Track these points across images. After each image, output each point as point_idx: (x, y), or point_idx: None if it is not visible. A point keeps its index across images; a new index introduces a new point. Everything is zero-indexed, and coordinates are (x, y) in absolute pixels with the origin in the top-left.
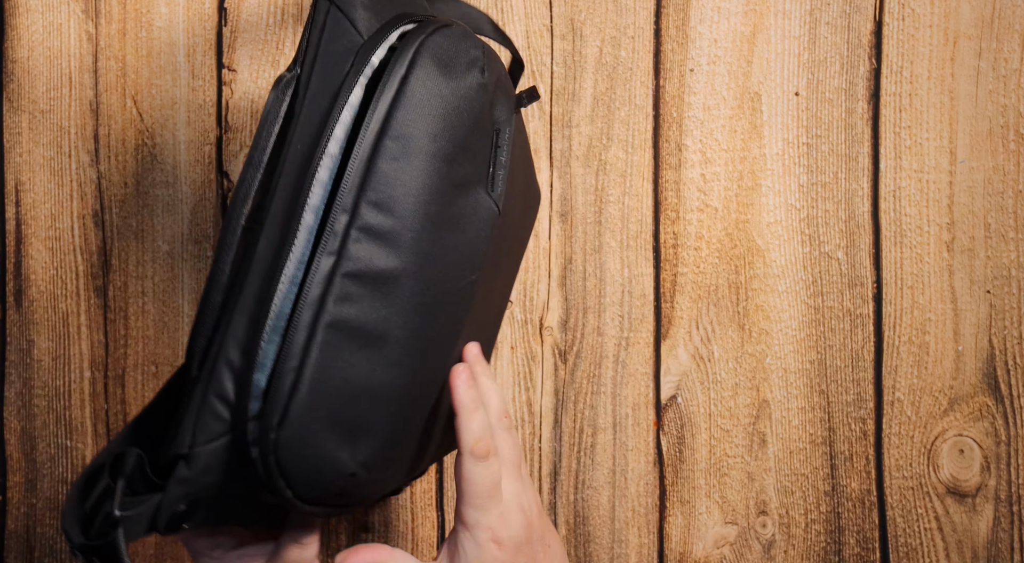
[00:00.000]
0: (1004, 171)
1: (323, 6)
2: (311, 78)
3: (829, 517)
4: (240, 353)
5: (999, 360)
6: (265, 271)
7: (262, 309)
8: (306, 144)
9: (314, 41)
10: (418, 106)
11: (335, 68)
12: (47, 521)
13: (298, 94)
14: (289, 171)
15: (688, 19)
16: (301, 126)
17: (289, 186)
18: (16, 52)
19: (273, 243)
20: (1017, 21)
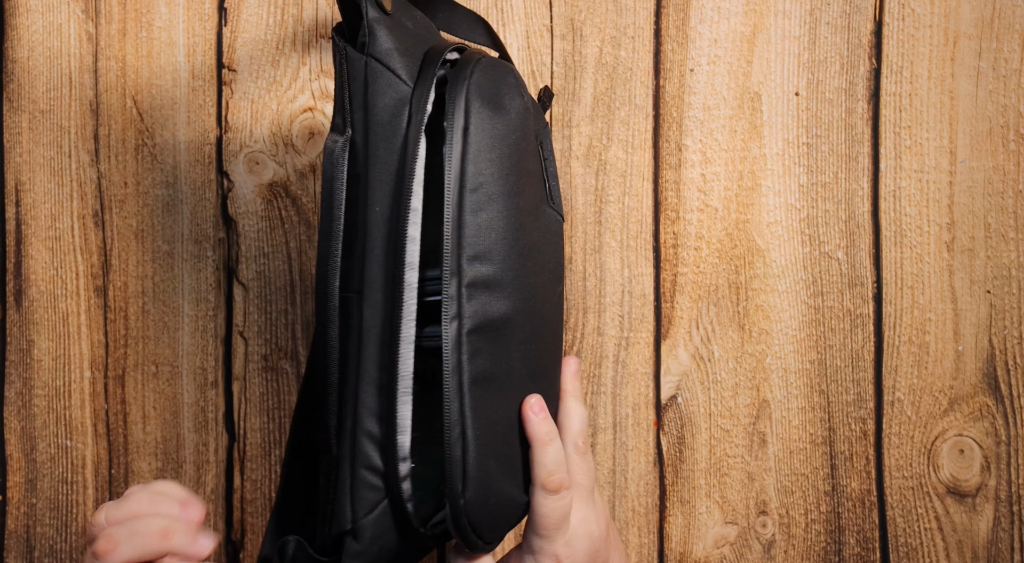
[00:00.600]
0: (1004, 171)
1: (358, 60)
2: (368, 137)
3: (829, 517)
4: (377, 422)
5: (999, 360)
6: (380, 338)
7: (390, 375)
8: (385, 204)
9: (359, 98)
10: (485, 152)
11: (391, 123)
12: (47, 521)
13: (357, 156)
14: (375, 234)
15: (688, 19)
16: (373, 188)
17: (380, 249)
18: (16, 52)
19: (378, 308)
20: (1017, 21)
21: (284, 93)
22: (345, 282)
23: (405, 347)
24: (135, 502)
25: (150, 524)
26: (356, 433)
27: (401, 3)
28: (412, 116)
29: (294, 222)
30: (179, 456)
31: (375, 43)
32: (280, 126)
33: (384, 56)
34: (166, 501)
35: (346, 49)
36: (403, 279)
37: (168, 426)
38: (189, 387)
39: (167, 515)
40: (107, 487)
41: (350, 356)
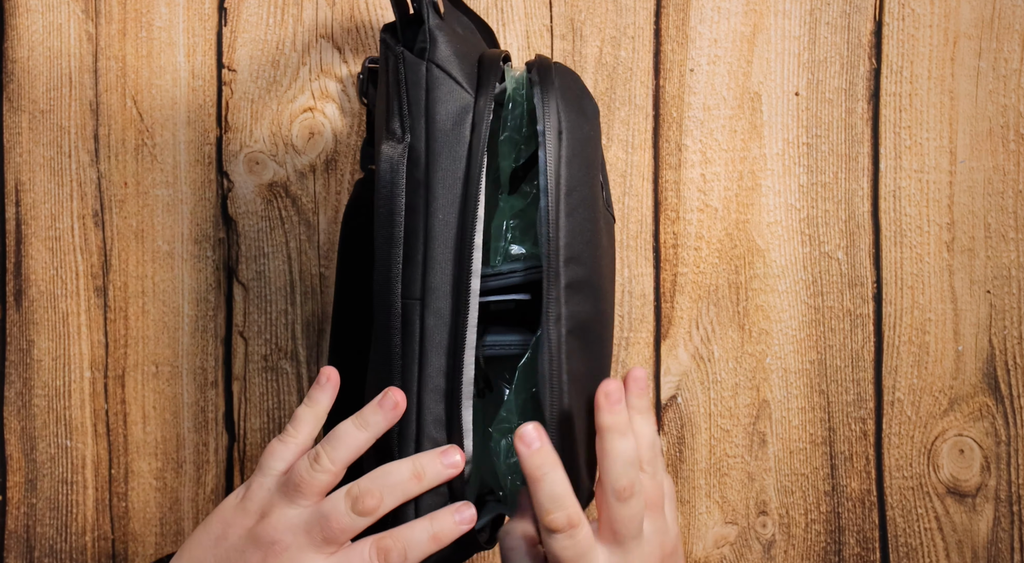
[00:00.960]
0: (1004, 171)
1: (418, 65)
2: (430, 144)
3: (829, 517)
4: (442, 428)
5: (999, 360)
6: (444, 345)
7: (455, 382)
8: (450, 212)
9: (419, 104)
10: (577, 156)
11: (454, 131)
12: (47, 521)
13: (417, 163)
14: (438, 241)
15: (688, 19)
16: (436, 195)
17: (444, 257)
18: (16, 52)
19: (442, 316)
20: (1017, 21)
21: (284, 93)
22: (404, 289)
23: (468, 354)
24: (352, 446)
25: (401, 471)
26: (420, 440)
27: (448, 7)
28: (476, 124)
29: (294, 222)
30: (179, 456)
31: (436, 49)
32: (280, 126)
33: (445, 62)
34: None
35: (403, 54)
36: (469, 286)
37: (168, 426)
38: (189, 387)
39: (409, 457)
40: (107, 487)
41: (411, 363)
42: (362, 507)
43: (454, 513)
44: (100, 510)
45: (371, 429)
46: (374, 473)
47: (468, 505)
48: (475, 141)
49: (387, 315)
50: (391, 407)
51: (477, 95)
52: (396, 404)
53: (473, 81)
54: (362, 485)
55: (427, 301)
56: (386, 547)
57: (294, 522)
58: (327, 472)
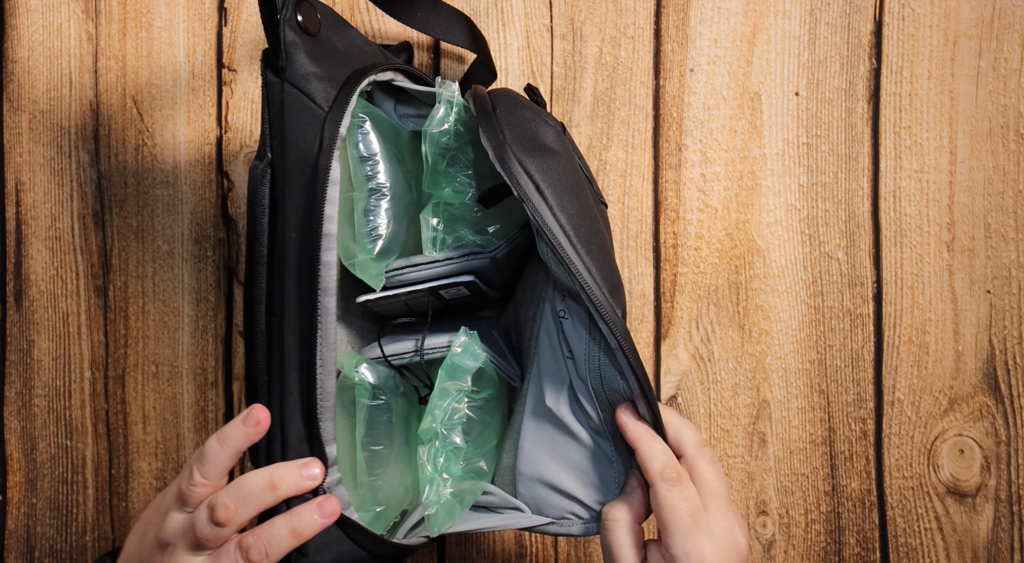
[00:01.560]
0: (1004, 171)
1: (275, 85)
2: (284, 162)
3: (829, 517)
4: (305, 442)
5: (999, 360)
6: (299, 362)
7: (311, 398)
8: (299, 230)
9: (276, 122)
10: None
11: (305, 148)
12: (47, 521)
13: (276, 180)
14: (291, 260)
15: (688, 19)
16: (289, 214)
17: (295, 275)
18: (16, 52)
19: (298, 334)
20: (1017, 21)
21: None
22: (269, 306)
23: (327, 369)
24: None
25: (256, 481)
26: (286, 453)
27: (335, 23)
28: (323, 141)
29: None
30: (179, 456)
31: (292, 68)
32: None
33: (300, 81)
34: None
35: (265, 73)
36: (317, 304)
37: (168, 426)
38: (189, 387)
39: (268, 467)
40: (107, 487)
41: (274, 378)
42: (216, 517)
43: (315, 508)
44: (100, 510)
45: (232, 445)
46: (231, 484)
47: (330, 499)
48: (322, 158)
49: (253, 332)
50: (253, 424)
51: (328, 113)
52: (258, 422)
53: (332, 99)
54: (218, 496)
55: (285, 318)
56: (247, 544)
57: (179, 527)
58: (200, 485)
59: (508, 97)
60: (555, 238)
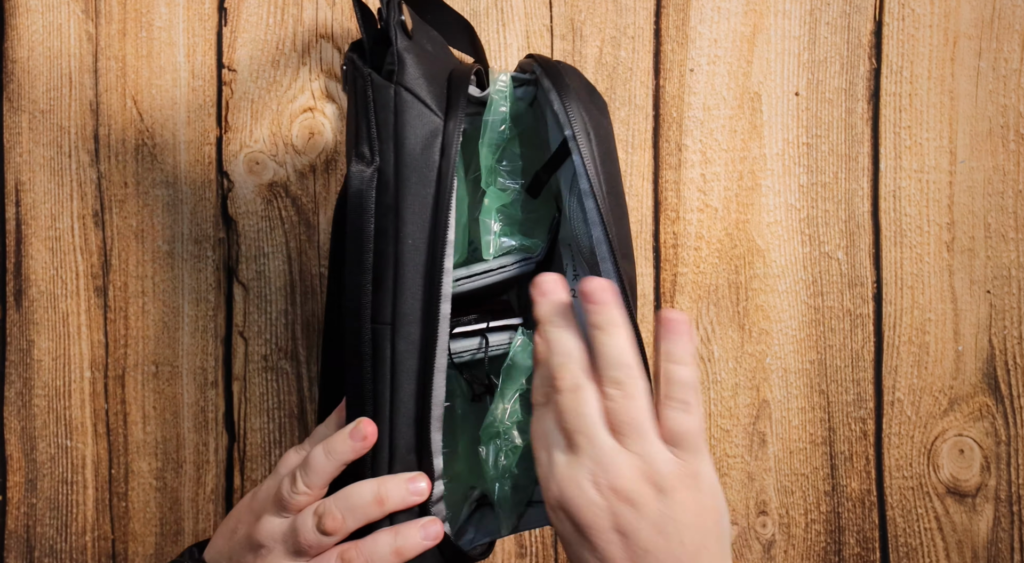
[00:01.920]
0: (1004, 171)
1: (386, 89)
2: (399, 168)
3: (829, 517)
4: (413, 453)
5: (999, 360)
6: (415, 370)
7: (426, 408)
8: (419, 237)
9: (388, 128)
10: (607, 155)
11: (424, 155)
12: (47, 521)
13: (387, 187)
14: (408, 266)
15: (688, 19)
16: (405, 220)
17: (414, 282)
18: (16, 52)
19: (412, 341)
20: (1017, 21)
21: (284, 93)
22: (375, 314)
23: (439, 378)
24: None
25: (364, 494)
26: (393, 465)
27: (419, 23)
28: (445, 148)
29: (294, 222)
30: (179, 456)
31: (404, 72)
32: (280, 126)
33: (414, 85)
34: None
35: (371, 76)
36: (439, 312)
37: (168, 426)
38: (189, 387)
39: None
40: (107, 487)
41: (383, 388)
42: (323, 526)
43: (420, 528)
44: (100, 510)
45: (338, 457)
46: (339, 494)
47: (435, 521)
48: (444, 165)
49: (358, 340)
50: (360, 438)
51: (447, 118)
52: (365, 437)
53: (443, 102)
54: (327, 505)
55: (397, 326)
56: (350, 558)
57: (277, 531)
58: (303, 493)
59: (568, 65)
60: (593, 183)
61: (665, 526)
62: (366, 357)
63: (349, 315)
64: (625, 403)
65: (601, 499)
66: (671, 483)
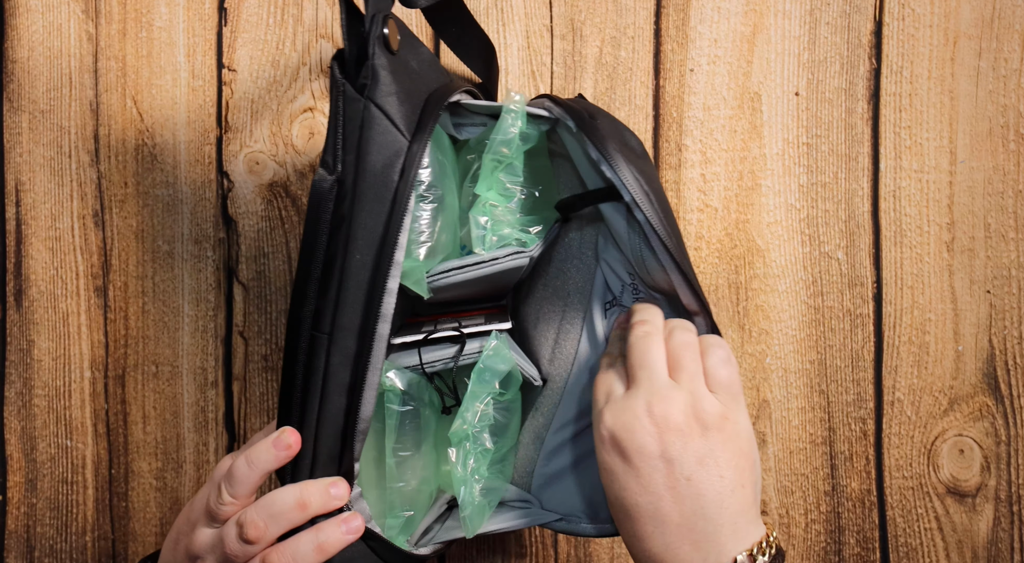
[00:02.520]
0: (1004, 171)
1: (357, 102)
2: (357, 182)
3: (829, 517)
4: (336, 463)
5: (999, 360)
6: (347, 386)
7: (350, 422)
8: (368, 254)
9: (352, 140)
10: (663, 203)
11: (383, 173)
12: (47, 521)
13: (344, 198)
14: (352, 281)
15: (688, 19)
16: (356, 235)
17: (356, 298)
18: (16, 52)
19: (348, 356)
20: (1017, 21)
21: (284, 93)
22: (316, 322)
23: (369, 393)
24: (246, 482)
25: (286, 500)
26: (314, 473)
27: (408, 40)
28: (405, 170)
29: (294, 222)
30: (179, 456)
31: (376, 88)
32: (280, 126)
33: (383, 102)
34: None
35: (344, 87)
36: (375, 330)
37: (168, 426)
38: (189, 387)
39: (298, 485)
40: (107, 487)
41: (312, 396)
42: (246, 535)
43: (340, 524)
44: (100, 510)
45: (261, 467)
46: (260, 501)
47: (356, 516)
48: (402, 187)
49: (295, 346)
50: (283, 447)
51: (412, 140)
52: (289, 446)
53: (412, 123)
54: (248, 514)
55: (335, 338)
56: (272, 561)
57: (207, 542)
58: (228, 504)
59: (592, 105)
60: (667, 243)
61: (706, 459)
62: (300, 364)
63: (291, 320)
64: (684, 351)
65: (653, 426)
66: (716, 422)
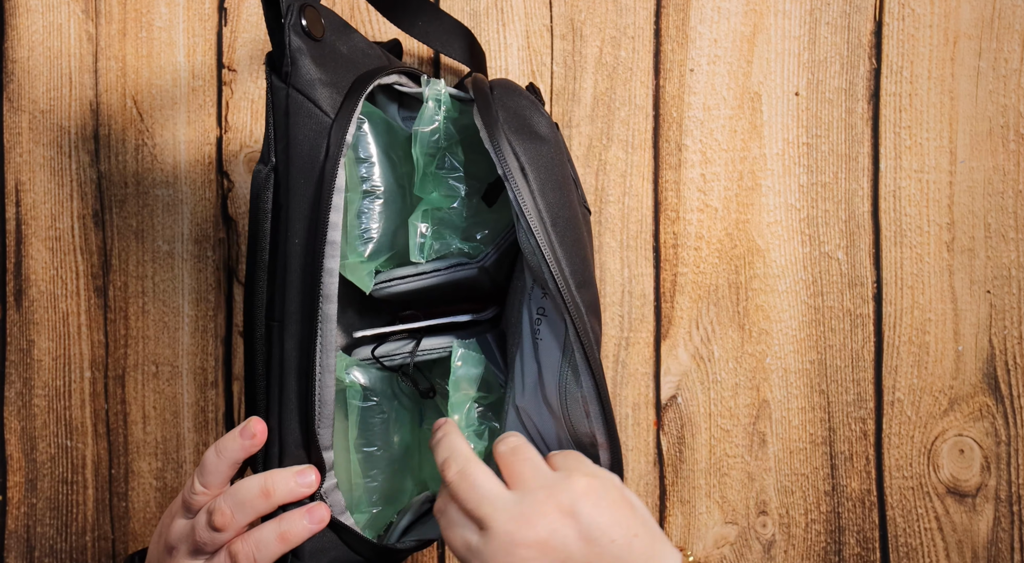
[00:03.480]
0: (1004, 171)
1: (281, 90)
2: (288, 168)
3: (829, 517)
4: (302, 449)
5: (999, 360)
6: (299, 368)
7: (308, 405)
8: (303, 236)
9: (281, 128)
10: (548, 184)
11: (310, 155)
12: (47, 521)
13: (280, 185)
14: (293, 266)
15: (688, 19)
16: (292, 220)
17: (298, 281)
18: (16, 52)
19: (299, 339)
20: (1017, 21)
21: None
22: (268, 310)
23: (326, 377)
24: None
25: (251, 488)
26: (283, 460)
27: (339, 27)
28: (329, 148)
29: None
30: (179, 456)
31: (297, 73)
32: None
33: (305, 87)
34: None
35: (271, 78)
36: (318, 311)
37: (168, 426)
38: (189, 387)
39: (264, 474)
40: (107, 487)
41: (273, 384)
42: (213, 523)
43: (305, 514)
44: (100, 510)
45: (229, 456)
46: (228, 490)
47: (320, 506)
48: (328, 166)
49: (252, 336)
50: (249, 437)
51: (334, 120)
52: (254, 434)
53: (337, 105)
54: (216, 502)
55: (286, 324)
56: (235, 550)
57: (182, 532)
58: (200, 494)
59: (506, 83)
60: (531, 222)
61: (591, 535)
62: (259, 354)
63: (247, 309)
64: (511, 459)
65: (531, 551)
66: (580, 494)
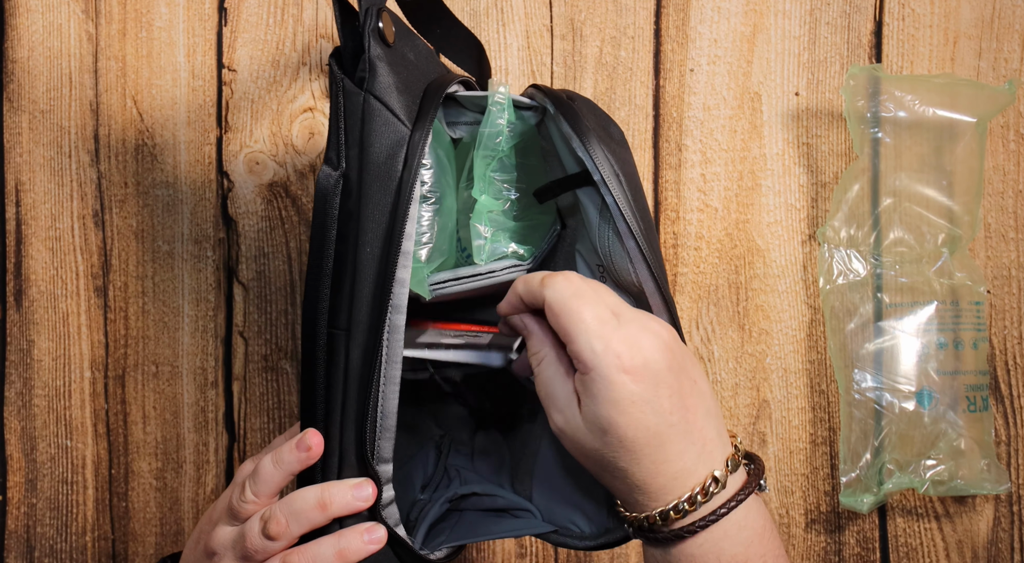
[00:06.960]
0: (1004, 171)
1: (356, 95)
2: (362, 175)
3: (829, 517)
4: (364, 466)
5: (999, 360)
6: (368, 381)
7: (375, 419)
8: (377, 246)
9: (355, 134)
10: (636, 190)
11: (387, 164)
12: (47, 521)
13: (350, 193)
14: (365, 274)
15: (688, 19)
16: (365, 228)
17: (369, 291)
18: (16, 52)
19: (367, 350)
20: (1017, 21)
21: (284, 93)
22: (332, 318)
23: (389, 388)
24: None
25: (307, 499)
26: (343, 470)
27: (404, 32)
28: (408, 159)
29: (294, 222)
30: (179, 456)
31: (375, 80)
32: (280, 126)
33: (383, 93)
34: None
35: (343, 82)
36: (385, 322)
37: (168, 426)
38: (189, 387)
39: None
40: (107, 487)
41: (335, 394)
42: (268, 531)
43: (364, 533)
44: (100, 510)
45: (285, 468)
46: (284, 499)
47: (378, 526)
48: (406, 175)
49: (313, 344)
50: (305, 449)
51: (413, 128)
52: (310, 448)
53: (413, 113)
54: (272, 510)
55: (353, 333)
56: (292, 562)
57: (227, 538)
58: (251, 502)
59: (576, 94)
60: (631, 225)
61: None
62: (320, 363)
63: (306, 318)
64: None
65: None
66: None
